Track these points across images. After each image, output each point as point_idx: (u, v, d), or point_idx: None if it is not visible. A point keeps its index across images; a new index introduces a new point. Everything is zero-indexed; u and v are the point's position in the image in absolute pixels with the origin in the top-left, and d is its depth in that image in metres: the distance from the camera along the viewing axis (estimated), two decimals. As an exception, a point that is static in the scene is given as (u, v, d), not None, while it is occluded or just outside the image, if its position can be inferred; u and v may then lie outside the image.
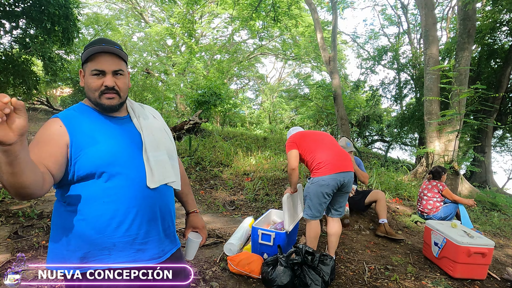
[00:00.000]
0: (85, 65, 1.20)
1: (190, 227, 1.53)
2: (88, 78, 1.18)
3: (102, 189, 1.12)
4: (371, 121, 16.30)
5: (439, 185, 4.19)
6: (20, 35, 6.44)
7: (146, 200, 1.18)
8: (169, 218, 1.30)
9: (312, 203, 2.89)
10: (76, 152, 1.10)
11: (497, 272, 3.23)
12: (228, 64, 20.54)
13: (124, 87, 1.23)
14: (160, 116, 1.43)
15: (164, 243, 1.27)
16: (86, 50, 1.19)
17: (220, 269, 2.90)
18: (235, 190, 5.56)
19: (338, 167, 2.86)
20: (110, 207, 1.12)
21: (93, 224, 1.11)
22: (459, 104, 6.61)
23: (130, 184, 1.15)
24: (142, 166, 1.19)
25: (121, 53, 1.22)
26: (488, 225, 4.93)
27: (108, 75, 1.18)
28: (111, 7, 22.06)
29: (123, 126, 1.25)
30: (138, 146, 1.22)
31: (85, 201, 1.11)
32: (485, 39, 10.36)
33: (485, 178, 10.60)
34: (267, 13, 13.83)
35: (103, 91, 1.17)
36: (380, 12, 18.34)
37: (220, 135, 9.47)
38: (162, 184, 1.24)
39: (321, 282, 2.63)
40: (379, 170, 7.16)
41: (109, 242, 1.13)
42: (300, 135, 3.11)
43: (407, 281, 2.89)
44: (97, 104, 1.20)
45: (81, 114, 1.20)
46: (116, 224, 1.13)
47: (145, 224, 1.19)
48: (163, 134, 1.35)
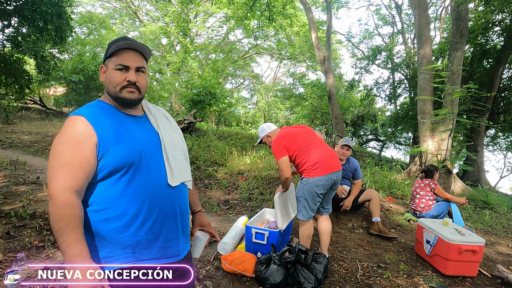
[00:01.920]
0: (108, 60, 1.23)
1: (198, 225, 1.56)
2: (111, 72, 1.22)
3: (125, 187, 1.14)
4: (365, 121, 16.39)
5: (431, 184, 4.22)
6: (12, 34, 6.37)
7: (167, 198, 1.22)
8: (186, 216, 1.34)
9: (308, 204, 2.87)
10: (103, 150, 1.12)
11: (488, 269, 3.27)
12: (223, 64, 20.52)
13: (144, 84, 1.27)
14: (172, 117, 1.46)
15: (182, 240, 1.31)
16: (113, 45, 1.22)
17: (214, 268, 2.91)
18: (230, 190, 5.56)
19: (332, 167, 2.88)
20: (134, 205, 1.14)
21: (117, 223, 1.13)
22: (452, 103, 6.66)
23: (152, 182, 1.18)
24: (162, 164, 1.23)
25: (146, 50, 1.27)
26: (480, 223, 4.99)
27: (132, 70, 1.22)
28: (105, 5, 21.93)
29: (142, 125, 1.28)
30: (157, 145, 1.25)
31: (109, 200, 1.13)
32: (477, 39, 10.46)
33: (477, 177, 10.71)
34: (262, 12, 13.83)
35: (125, 85, 1.21)
36: (375, 12, 18.48)
37: (215, 135, 9.46)
38: (181, 182, 1.29)
39: (314, 280, 2.65)
40: (373, 169, 7.20)
41: (133, 240, 1.15)
42: (286, 135, 3.00)
43: (399, 279, 2.92)
44: (116, 98, 1.22)
45: (102, 111, 1.20)
46: (140, 222, 1.15)
47: (167, 221, 1.22)
48: (177, 135, 1.39)
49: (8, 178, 4.85)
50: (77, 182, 1.07)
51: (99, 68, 1.29)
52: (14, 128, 9.94)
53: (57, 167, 1.07)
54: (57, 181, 1.05)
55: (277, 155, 2.92)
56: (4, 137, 8.02)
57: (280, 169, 2.94)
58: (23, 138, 8.17)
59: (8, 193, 4.18)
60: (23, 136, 8.39)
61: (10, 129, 9.65)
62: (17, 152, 6.75)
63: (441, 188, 4.22)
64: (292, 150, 2.95)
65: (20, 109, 11.82)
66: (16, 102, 10.87)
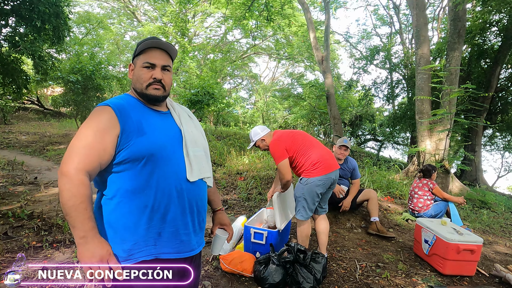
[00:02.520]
0: (136, 58, 1.31)
1: (218, 223, 1.60)
2: (138, 70, 1.29)
3: (146, 179, 1.17)
4: (363, 121, 16.40)
5: (429, 184, 4.24)
6: (10, 34, 6.34)
7: (186, 193, 1.26)
8: (203, 212, 1.37)
9: (307, 204, 2.88)
10: (125, 141, 1.16)
11: (486, 268, 3.29)
12: (221, 64, 20.51)
13: (169, 82, 1.32)
14: (194, 116, 1.51)
15: (199, 235, 1.35)
16: (141, 44, 1.29)
17: (213, 268, 2.91)
18: (228, 190, 5.56)
19: (331, 166, 2.89)
20: (155, 197, 1.18)
21: (139, 216, 1.17)
22: (450, 103, 6.68)
23: (172, 176, 1.22)
24: (182, 159, 1.27)
25: (172, 50, 1.33)
26: (478, 222, 5.00)
27: (158, 68, 1.28)
28: (103, 5, 21.88)
29: (165, 120, 1.32)
30: (179, 140, 1.30)
31: (130, 193, 1.16)
32: (475, 40, 10.49)
33: (475, 177, 10.74)
34: (260, 12, 13.83)
35: (151, 83, 1.27)
36: (373, 12, 18.50)
37: (213, 135, 9.45)
38: (200, 178, 1.32)
39: (313, 280, 2.65)
40: (371, 169, 7.22)
41: (155, 232, 1.19)
42: (286, 136, 3.00)
43: (398, 278, 2.92)
44: (142, 95, 1.28)
45: (128, 104, 1.25)
46: (161, 214, 1.19)
47: (185, 215, 1.26)
48: (199, 132, 1.44)
49: (6, 179, 4.84)
50: (91, 166, 1.11)
51: (128, 66, 1.36)
52: (12, 128, 9.90)
53: (77, 147, 1.12)
54: (74, 161, 1.09)
55: (277, 158, 2.90)
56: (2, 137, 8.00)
57: (281, 173, 2.93)
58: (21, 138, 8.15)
59: (6, 193, 4.17)
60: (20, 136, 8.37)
61: (8, 129, 9.61)
62: (15, 152, 6.73)
63: (439, 188, 4.23)
64: (292, 151, 2.95)
65: (18, 109, 11.78)
66: (13, 102, 10.83)
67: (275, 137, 3.02)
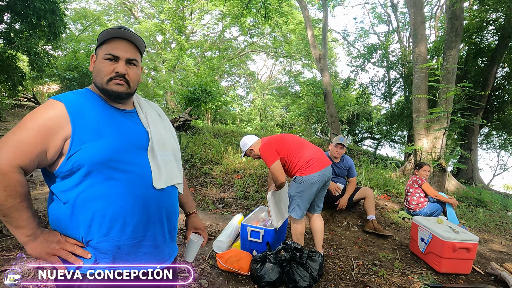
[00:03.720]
0: (99, 49, 1.16)
1: (192, 228, 1.48)
2: (99, 62, 1.13)
3: (105, 187, 1.04)
4: (361, 119, 16.43)
5: (418, 180, 4.26)
6: (5, 30, 6.29)
7: (153, 201, 1.12)
8: (174, 219, 1.24)
9: (302, 202, 2.87)
10: (77, 145, 1.02)
11: (481, 266, 3.30)
12: (218, 61, 20.45)
13: (135, 78, 1.17)
14: (165, 114, 1.37)
15: (169, 245, 1.23)
16: (103, 32, 1.14)
17: (209, 267, 2.90)
18: (225, 188, 5.55)
19: (324, 163, 2.91)
20: (115, 208, 1.05)
21: (95, 226, 1.04)
22: (446, 102, 6.70)
23: (136, 183, 1.09)
24: (147, 165, 1.13)
25: (140, 42, 1.18)
26: (474, 220, 5.03)
27: (122, 61, 1.13)
28: (100, 2, 21.73)
29: (129, 120, 1.18)
30: (144, 143, 1.15)
31: (86, 201, 1.03)
32: (472, 38, 10.52)
33: (471, 175, 10.80)
34: (258, 10, 13.79)
35: (112, 77, 1.12)
36: (370, 10, 18.53)
37: (210, 133, 9.43)
38: (170, 185, 1.18)
39: (310, 278, 2.65)
40: (368, 168, 7.23)
41: (113, 245, 1.06)
42: (274, 139, 3.00)
43: (394, 276, 2.93)
44: (103, 90, 1.13)
45: (87, 101, 1.11)
46: (121, 226, 1.06)
47: (152, 225, 1.13)
48: (169, 134, 1.29)
49: (1, 176, 4.80)
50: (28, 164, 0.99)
51: (90, 57, 1.20)
52: (7, 126, 9.82)
53: (15, 141, 0.98)
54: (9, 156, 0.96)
55: (269, 160, 2.88)
56: (-3, 134, 7.93)
57: (274, 175, 2.90)
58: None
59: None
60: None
61: (3, 126, 9.54)
62: (10, 150, 6.67)
63: (428, 184, 4.25)
64: (283, 152, 2.94)
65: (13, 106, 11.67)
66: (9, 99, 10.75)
67: (264, 142, 3.00)
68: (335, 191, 3.92)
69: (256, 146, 3.06)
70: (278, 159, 2.89)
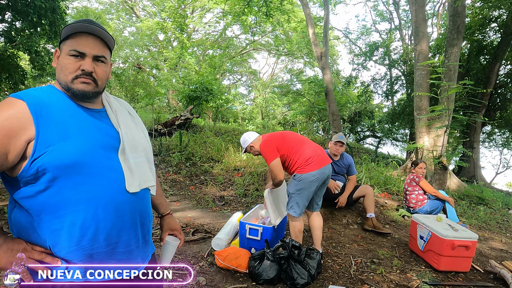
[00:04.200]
0: (63, 44, 1.06)
1: (168, 229, 1.40)
2: (64, 58, 1.04)
3: (74, 193, 0.97)
4: (362, 117, 16.39)
5: (415, 178, 4.25)
6: (6, 29, 6.30)
7: (126, 205, 1.06)
8: (148, 223, 1.19)
9: (300, 200, 2.88)
10: (41, 148, 0.93)
11: (481, 264, 3.29)
12: (220, 60, 20.43)
13: (103, 76, 1.09)
14: (136, 113, 1.30)
15: (143, 249, 1.17)
16: (69, 26, 1.04)
17: (208, 264, 2.91)
18: (225, 186, 5.56)
19: (324, 161, 2.91)
20: (85, 215, 0.98)
21: (64, 236, 0.97)
22: (448, 99, 6.67)
23: (108, 187, 1.02)
24: (119, 167, 1.06)
25: (108, 38, 1.09)
26: (474, 218, 5.01)
27: (88, 58, 1.04)
28: (102, 1, 21.75)
29: (98, 120, 1.10)
30: (115, 145, 1.08)
31: (54, 208, 0.96)
32: (474, 36, 10.45)
33: (473, 173, 10.75)
34: (259, 8, 13.76)
35: (78, 75, 1.03)
36: (372, 8, 18.41)
37: (211, 131, 9.44)
38: (143, 188, 1.12)
39: (307, 276, 2.65)
40: (369, 166, 7.21)
41: (85, 254, 0.99)
42: (275, 136, 3.00)
43: (393, 274, 2.93)
44: (68, 89, 1.04)
45: (51, 99, 1.02)
46: (93, 233, 0.99)
47: (126, 231, 1.06)
48: (140, 134, 1.22)
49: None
50: None
51: (54, 52, 1.10)
52: (10, 124, 9.85)
53: None
54: None
55: (268, 157, 2.88)
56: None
57: (273, 173, 2.90)
58: None
59: (2, 189, 4.16)
60: None
61: (5, 125, 9.57)
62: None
63: (426, 181, 4.24)
64: (284, 149, 2.94)
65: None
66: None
67: (264, 139, 3.01)
68: (334, 189, 3.92)
69: (257, 143, 3.06)
70: (278, 157, 2.89)
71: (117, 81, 16.16)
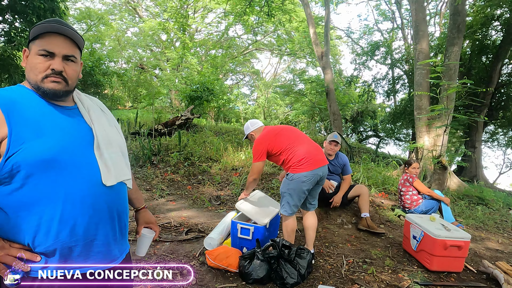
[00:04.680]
0: (32, 43, 1.07)
1: (143, 223, 1.45)
2: (33, 57, 1.06)
3: (51, 189, 0.99)
4: (365, 117, 16.32)
5: (409, 178, 4.23)
6: (5, 29, 6.36)
7: (102, 199, 1.08)
8: (125, 217, 1.21)
9: (292, 200, 2.87)
10: (15, 146, 0.95)
11: (475, 265, 3.26)
12: (222, 60, 20.46)
13: (73, 75, 1.11)
14: (108, 110, 1.32)
15: (120, 243, 1.19)
16: (37, 26, 1.05)
17: (199, 263, 2.92)
18: (223, 185, 5.56)
19: (318, 162, 2.88)
20: (63, 209, 1.00)
21: (43, 231, 0.99)
22: (447, 99, 6.62)
23: (84, 182, 1.04)
24: (94, 162, 1.08)
25: (77, 37, 1.11)
26: (472, 218, 4.96)
27: (58, 58, 1.06)
28: (105, 1, 21.89)
29: (71, 117, 1.12)
30: (89, 141, 1.11)
31: (30, 205, 0.98)
32: (476, 34, 10.37)
33: (475, 173, 10.66)
34: (261, 7, 13.75)
35: (48, 74, 1.05)
36: (375, 7, 18.33)
37: (212, 131, 9.45)
38: (119, 181, 1.15)
39: (297, 276, 2.65)
40: (368, 165, 7.18)
41: (65, 247, 1.02)
42: (269, 135, 2.99)
43: (384, 274, 2.91)
44: (38, 88, 1.06)
45: (22, 98, 1.04)
46: (71, 226, 1.01)
47: (103, 224, 1.09)
48: (114, 130, 1.24)
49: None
50: None
51: (22, 52, 1.12)
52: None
53: None
54: None
55: (255, 157, 2.96)
56: None
57: (252, 170, 2.99)
58: None
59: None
60: None
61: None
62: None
63: (419, 181, 4.21)
64: (277, 148, 2.94)
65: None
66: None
67: (260, 135, 3.03)
68: (328, 188, 3.90)
69: (257, 133, 3.12)
70: (263, 161, 2.96)
71: (120, 81, 16.22)
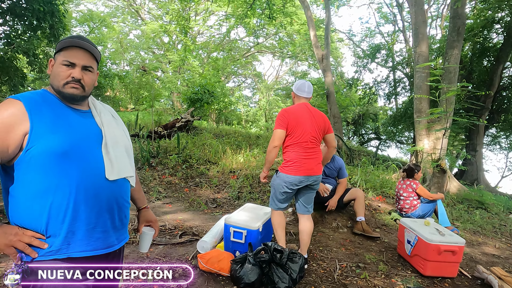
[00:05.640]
0: (57, 55, 1.26)
1: (144, 221, 1.59)
2: (57, 66, 1.24)
3: (61, 179, 1.14)
4: (366, 119, 16.27)
5: (412, 184, 4.18)
6: (5, 32, 6.40)
7: (105, 190, 1.23)
8: (125, 209, 1.35)
9: (275, 195, 2.97)
10: (34, 139, 1.11)
11: (470, 270, 3.23)
12: (224, 62, 20.51)
13: (90, 83, 1.29)
14: (118, 116, 1.49)
15: (119, 231, 1.33)
16: (64, 40, 1.26)
17: (191, 267, 2.90)
18: (220, 188, 5.55)
19: (306, 171, 2.83)
20: (70, 197, 1.14)
21: (53, 216, 1.13)
22: (447, 102, 6.60)
23: (89, 174, 1.19)
24: (101, 159, 1.24)
25: (95, 51, 1.30)
26: (470, 223, 4.92)
27: (78, 68, 1.24)
28: (107, 4, 22.03)
29: (84, 119, 1.29)
30: (98, 140, 1.27)
31: (43, 193, 1.12)
32: (477, 37, 10.33)
33: (476, 177, 10.59)
34: (263, 10, 13.79)
35: (69, 81, 1.23)
36: (376, 10, 18.34)
37: (212, 133, 9.45)
38: (121, 177, 1.30)
39: (289, 280, 2.63)
40: (367, 169, 7.15)
41: (69, 231, 1.15)
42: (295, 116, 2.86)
43: (377, 279, 2.89)
44: (59, 92, 1.24)
45: (44, 100, 1.21)
46: (77, 213, 1.16)
47: (103, 213, 1.23)
48: (122, 133, 1.40)
49: None
50: None
51: (49, 62, 1.32)
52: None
53: None
54: None
55: (276, 124, 2.86)
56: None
57: (272, 137, 2.87)
58: None
59: None
60: None
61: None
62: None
63: (423, 187, 4.18)
64: (289, 130, 2.85)
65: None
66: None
67: (291, 108, 2.92)
68: (323, 192, 3.89)
69: (295, 98, 3.06)
70: (284, 130, 2.84)
71: (122, 83, 16.29)
